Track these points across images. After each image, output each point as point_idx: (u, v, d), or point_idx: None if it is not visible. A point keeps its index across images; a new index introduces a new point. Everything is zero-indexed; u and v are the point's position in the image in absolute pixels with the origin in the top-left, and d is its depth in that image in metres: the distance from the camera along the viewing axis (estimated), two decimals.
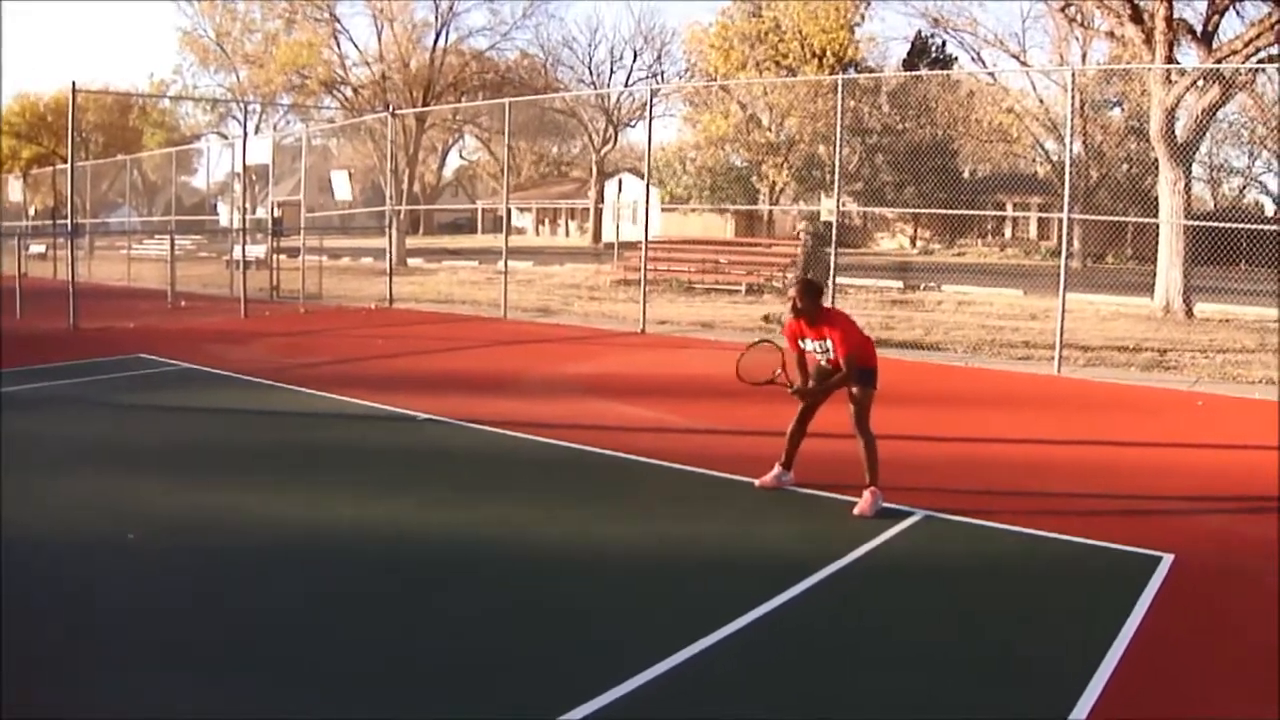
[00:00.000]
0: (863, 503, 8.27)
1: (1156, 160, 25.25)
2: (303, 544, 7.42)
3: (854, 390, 8.49)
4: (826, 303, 9.18)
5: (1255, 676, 5.44)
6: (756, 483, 8.95)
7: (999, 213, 57.90)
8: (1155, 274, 25.25)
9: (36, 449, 10.30)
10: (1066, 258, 17.06)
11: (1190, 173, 25.92)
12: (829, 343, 8.42)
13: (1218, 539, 7.91)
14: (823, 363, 8.64)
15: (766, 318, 23.16)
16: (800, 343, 8.67)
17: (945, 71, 55.36)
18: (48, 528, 7.68)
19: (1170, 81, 24.17)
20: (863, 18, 59.79)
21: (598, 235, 68.63)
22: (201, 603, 6.37)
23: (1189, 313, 24.19)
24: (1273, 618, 6.15)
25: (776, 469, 8.95)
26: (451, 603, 6.42)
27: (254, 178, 39.26)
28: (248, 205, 34.06)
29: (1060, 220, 17.49)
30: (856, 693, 5.28)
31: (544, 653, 5.69)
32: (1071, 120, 18.93)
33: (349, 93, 50.19)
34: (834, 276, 19.09)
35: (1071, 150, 19.48)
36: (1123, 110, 48.30)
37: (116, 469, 9.54)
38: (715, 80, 56.79)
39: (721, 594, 6.50)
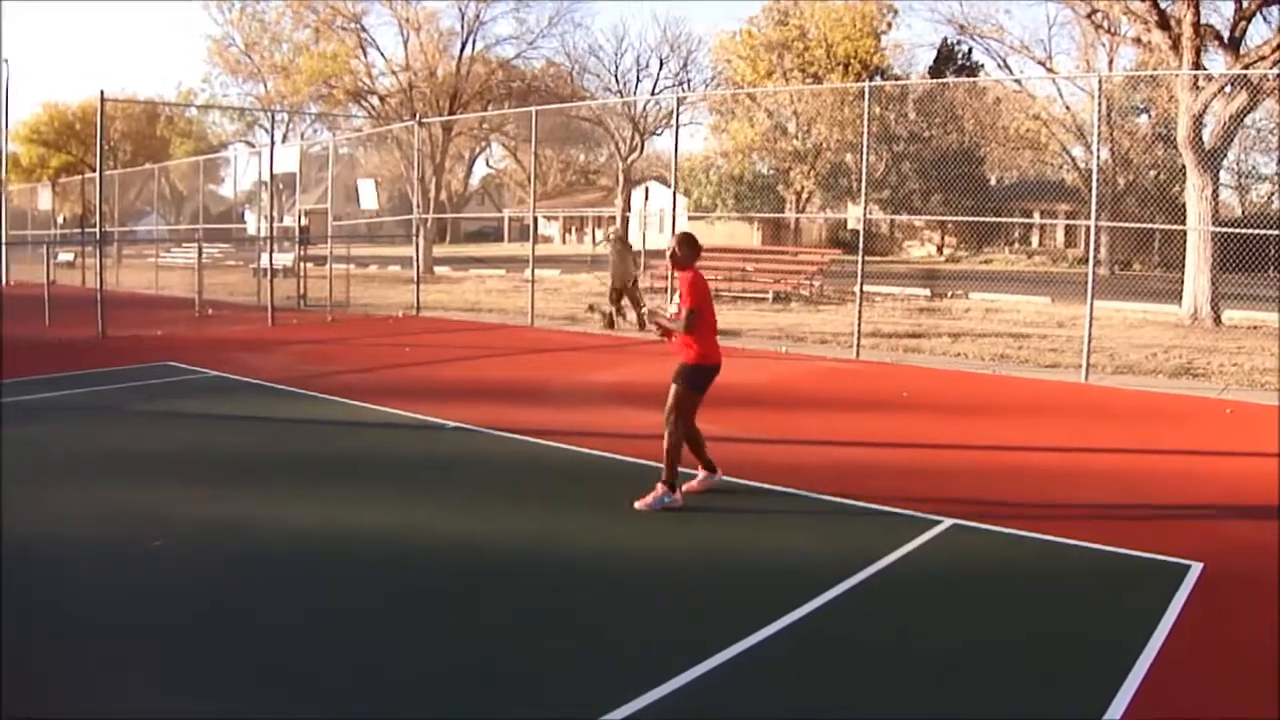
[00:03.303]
0: (647, 497, 8.57)
1: (1184, 167, 25.15)
2: (329, 551, 7.44)
3: (672, 384, 8.73)
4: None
5: None
6: (686, 487, 9.06)
7: (1026, 220, 57.71)
8: (1183, 281, 25.14)
9: (65, 456, 10.37)
10: (1094, 265, 16.99)
11: (1218, 179, 25.79)
12: (679, 294, 8.75)
13: (1247, 547, 7.86)
14: (667, 317, 8.90)
15: (590, 307, 24.61)
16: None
17: (972, 78, 55.26)
18: (73, 533, 7.73)
19: (1197, 87, 24.06)
20: (889, 25, 59.91)
21: None
22: (224, 609, 6.39)
23: (1217, 320, 24.07)
24: None
25: (703, 474, 9.12)
26: (479, 610, 6.43)
27: (281, 186, 39.33)
28: (275, 214, 34.11)
29: (1087, 228, 17.38)
30: (885, 700, 5.27)
31: (571, 660, 5.70)
32: (1098, 127, 18.81)
33: (376, 102, 50.36)
34: (861, 284, 19.05)
35: (1098, 157, 19.39)
36: (1150, 117, 48.07)
37: (143, 476, 9.59)
38: (742, 88, 56.83)
39: (749, 602, 6.49)
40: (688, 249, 8.88)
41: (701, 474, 9.06)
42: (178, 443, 11.27)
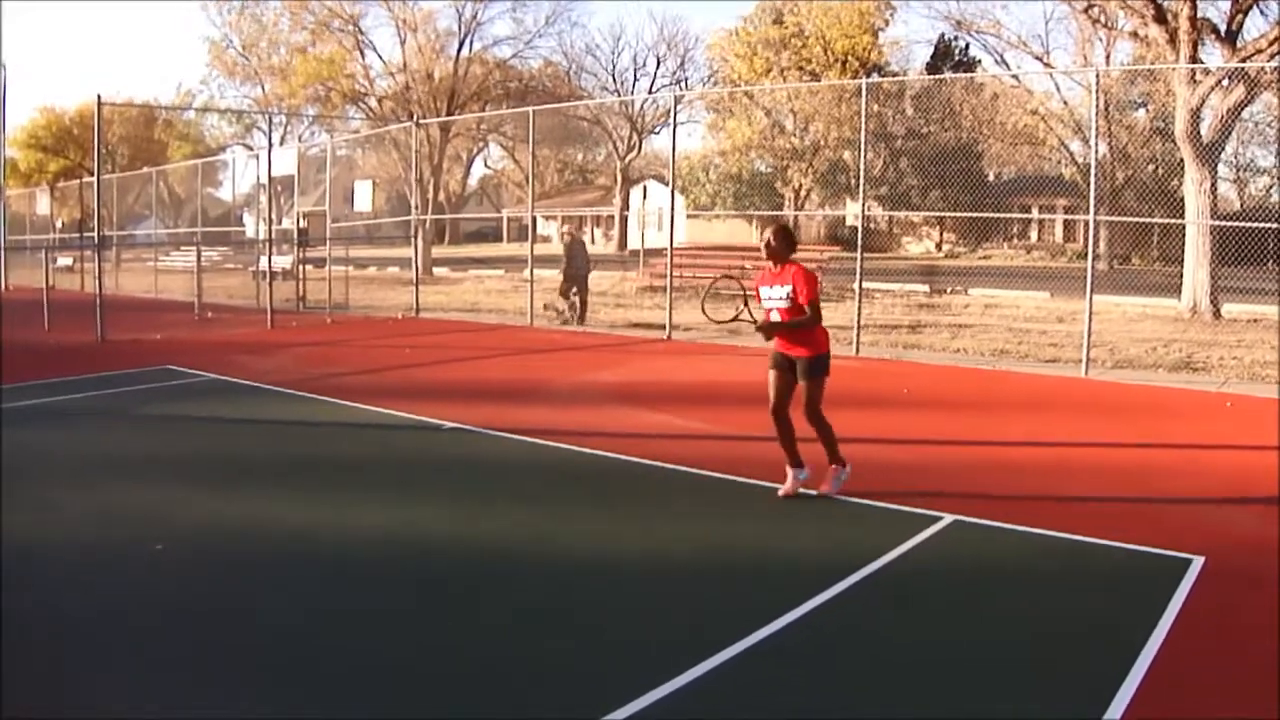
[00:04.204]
0: (824, 482, 8.60)
1: (1182, 161, 25.15)
2: (330, 553, 7.43)
3: (802, 381, 8.70)
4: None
5: None
6: (780, 491, 8.94)
7: (1024, 215, 57.71)
8: (1182, 275, 25.15)
9: (65, 460, 10.37)
10: (1093, 260, 16.99)
11: (1216, 173, 25.80)
12: (790, 288, 8.66)
13: (1248, 541, 7.85)
14: (774, 315, 8.80)
15: (546, 305, 24.83)
16: (760, 291, 8.92)
17: (969, 74, 55.28)
18: (74, 537, 7.72)
19: (1195, 81, 24.07)
20: (886, 22, 59.94)
21: (623, 242, 68.71)
22: (226, 612, 6.38)
23: (1216, 313, 24.08)
24: None
25: (790, 472, 8.96)
26: (478, 610, 6.42)
27: (279, 189, 39.34)
28: (273, 216, 34.12)
29: (1086, 222, 17.39)
30: (887, 697, 5.26)
31: (573, 659, 5.69)
32: (1096, 121, 18.83)
33: (373, 103, 50.36)
34: (860, 281, 19.05)
35: (1096, 152, 19.35)
36: (1147, 111, 48.16)
37: (144, 480, 9.58)
38: (739, 86, 56.85)
39: (751, 600, 6.48)
40: (783, 241, 8.84)
41: (791, 472, 8.95)
42: (178, 445, 11.26)
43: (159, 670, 5.57)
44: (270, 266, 26.13)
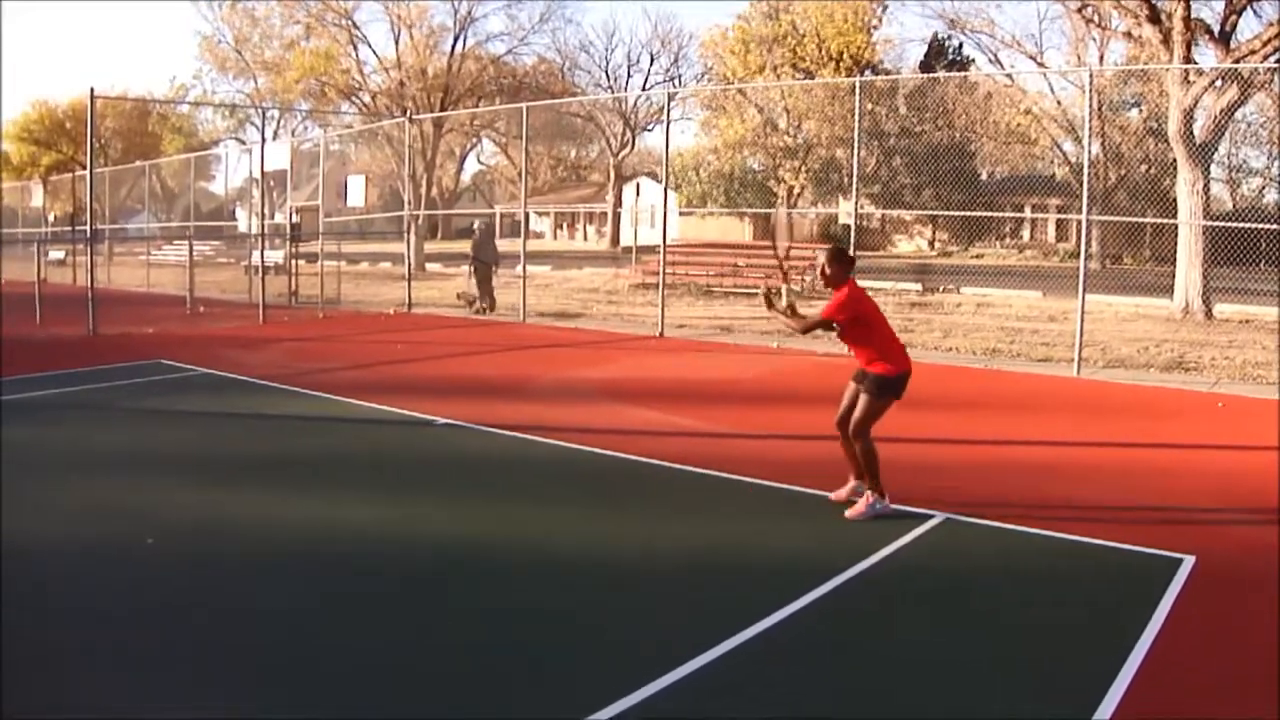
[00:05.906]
0: (857, 506, 8.29)
1: (1175, 161, 25.18)
2: (320, 548, 7.43)
3: (863, 396, 8.28)
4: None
5: (1277, 679, 5.41)
6: (831, 496, 8.70)
7: (1017, 214, 57.76)
8: (1174, 275, 25.18)
9: (56, 454, 10.34)
10: (1085, 259, 17.01)
11: (1209, 173, 25.80)
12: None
13: (1239, 541, 7.87)
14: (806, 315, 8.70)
15: (460, 295, 26.16)
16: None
17: (962, 73, 55.29)
18: (65, 532, 7.70)
19: (1188, 82, 24.10)
20: (880, 20, 59.91)
21: (616, 239, 68.67)
22: (217, 606, 6.37)
23: (1209, 314, 24.11)
24: None
25: (851, 482, 8.64)
26: (470, 607, 6.41)
27: (272, 183, 39.28)
28: (266, 211, 34.04)
29: (1078, 222, 17.40)
30: (877, 695, 5.27)
31: (563, 657, 5.69)
32: (1089, 121, 18.86)
33: (367, 98, 50.31)
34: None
35: (1089, 151, 19.40)
36: (1141, 111, 48.18)
37: (135, 474, 9.56)
38: (733, 84, 56.84)
39: (743, 598, 6.48)
40: (836, 265, 8.48)
41: (852, 483, 8.71)
42: (169, 440, 11.25)
43: (155, 669, 5.55)
44: (263, 261, 26.08)
